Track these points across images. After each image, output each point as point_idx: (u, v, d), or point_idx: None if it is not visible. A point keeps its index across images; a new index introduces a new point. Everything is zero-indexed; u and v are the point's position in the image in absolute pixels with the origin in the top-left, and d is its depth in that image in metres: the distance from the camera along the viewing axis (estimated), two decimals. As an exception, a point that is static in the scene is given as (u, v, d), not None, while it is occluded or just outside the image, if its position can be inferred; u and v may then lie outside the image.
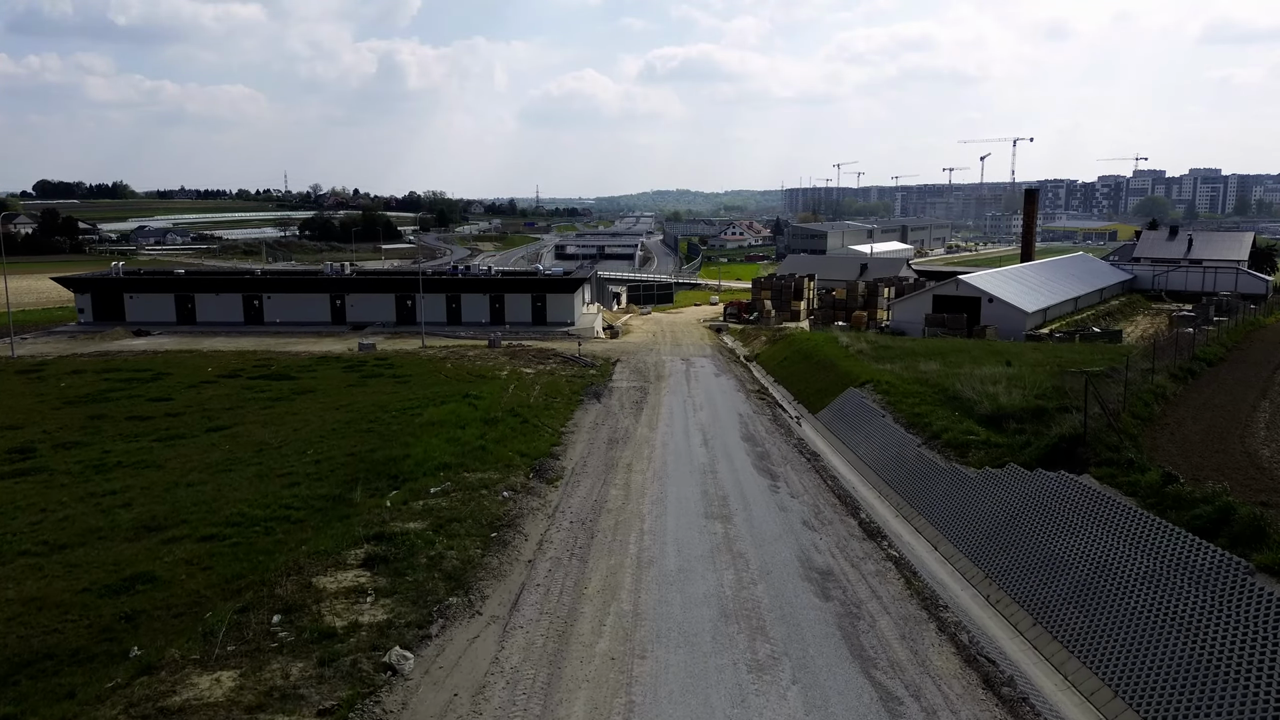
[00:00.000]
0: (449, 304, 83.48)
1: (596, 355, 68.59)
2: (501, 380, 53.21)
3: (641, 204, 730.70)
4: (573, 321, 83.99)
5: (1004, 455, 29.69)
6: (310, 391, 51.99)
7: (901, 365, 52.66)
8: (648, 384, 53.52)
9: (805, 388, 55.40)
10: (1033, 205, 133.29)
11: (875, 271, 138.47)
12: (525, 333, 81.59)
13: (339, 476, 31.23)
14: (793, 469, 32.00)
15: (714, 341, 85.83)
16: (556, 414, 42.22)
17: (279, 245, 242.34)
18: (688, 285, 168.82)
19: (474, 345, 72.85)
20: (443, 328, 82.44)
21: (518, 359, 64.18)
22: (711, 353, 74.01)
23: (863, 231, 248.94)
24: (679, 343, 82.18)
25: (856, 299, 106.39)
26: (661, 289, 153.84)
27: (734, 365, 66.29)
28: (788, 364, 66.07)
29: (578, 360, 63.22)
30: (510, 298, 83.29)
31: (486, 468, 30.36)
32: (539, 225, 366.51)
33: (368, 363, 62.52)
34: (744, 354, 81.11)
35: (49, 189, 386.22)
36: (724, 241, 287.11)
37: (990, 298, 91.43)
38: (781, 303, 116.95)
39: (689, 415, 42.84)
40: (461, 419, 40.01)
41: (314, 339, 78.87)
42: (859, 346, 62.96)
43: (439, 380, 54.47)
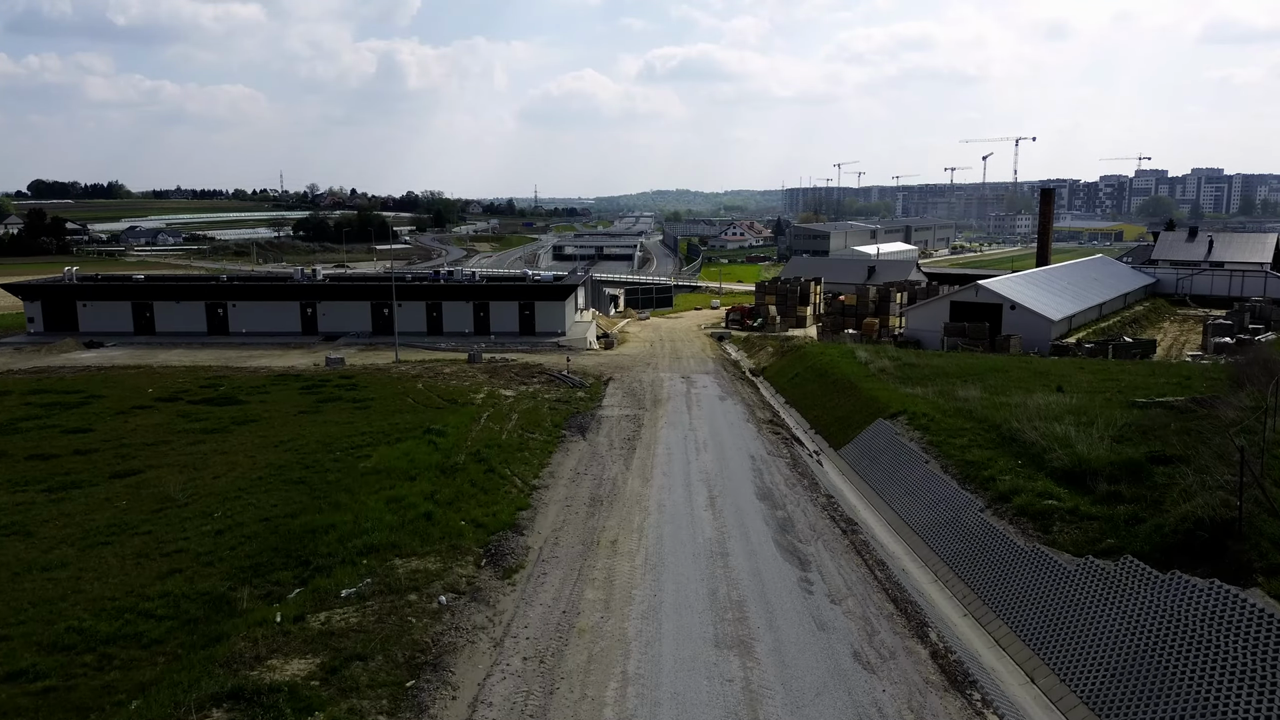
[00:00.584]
0: (429, 313, 76.03)
1: (587, 371, 61.13)
2: (475, 407, 45.73)
3: (641, 204, 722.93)
4: (563, 331, 76.53)
5: (1106, 536, 22.28)
6: (254, 421, 44.50)
7: (934, 390, 45.20)
8: (643, 410, 46.04)
9: (823, 414, 47.93)
10: (1049, 205, 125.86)
11: (883, 274, 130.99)
12: (512, 343, 74.15)
13: (238, 557, 23.85)
14: (825, 546, 24.37)
15: (716, 353, 78.35)
16: (531, 456, 34.74)
17: (270, 246, 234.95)
18: (688, 288, 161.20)
19: (453, 360, 65.36)
20: (422, 338, 74.99)
21: (498, 377, 56.68)
22: (714, 367, 66.53)
23: (866, 232, 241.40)
24: (679, 354, 74.73)
25: (867, 305, 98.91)
26: (661, 292, 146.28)
27: (740, 384, 58.81)
28: (800, 382, 58.62)
29: (565, 379, 55.74)
30: (496, 306, 75.84)
31: (427, 549, 22.95)
32: (537, 225, 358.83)
33: (330, 382, 55.04)
34: (749, 367, 73.62)
35: (43, 189, 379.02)
36: (724, 242, 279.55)
37: (1012, 304, 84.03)
38: (787, 308, 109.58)
39: (690, 458, 35.36)
40: (415, 465, 32.57)
41: (280, 352, 71.41)
42: (880, 364, 55.48)
43: (404, 406, 47.00)
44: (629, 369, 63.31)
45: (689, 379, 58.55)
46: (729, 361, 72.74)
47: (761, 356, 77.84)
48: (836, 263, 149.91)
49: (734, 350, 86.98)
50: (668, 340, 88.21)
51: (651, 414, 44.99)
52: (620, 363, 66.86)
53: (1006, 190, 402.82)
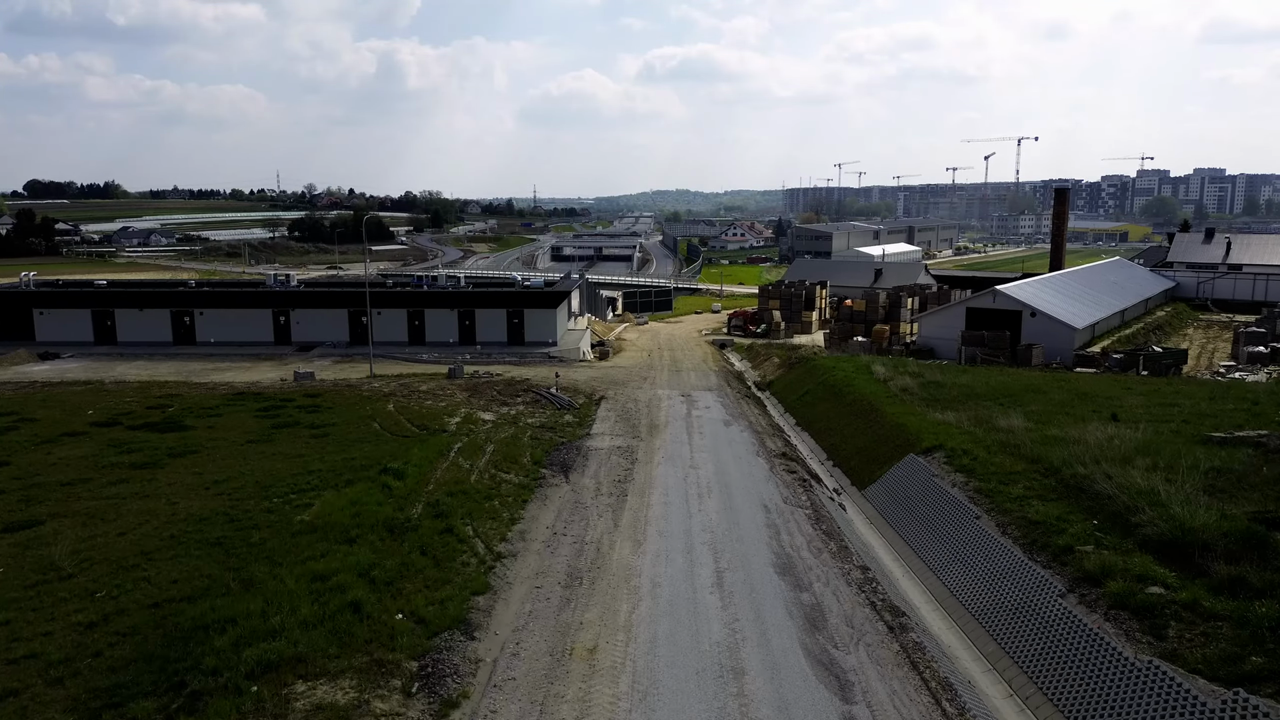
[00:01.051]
0: (411, 321, 70.23)
1: (578, 388, 55.27)
2: (447, 435, 39.86)
3: (641, 204, 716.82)
4: (554, 341, 70.67)
5: (1249, 650, 16.50)
6: (194, 452, 38.63)
7: (968, 416, 39.35)
8: (637, 440, 40.15)
9: (842, 442, 42.08)
10: (1063, 206, 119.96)
11: (891, 278, 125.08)
12: (499, 354, 68.29)
13: (98, 671, 17.98)
14: (870, 655, 18.21)
15: (719, 364, 72.48)
16: (502, 507, 28.81)
17: (263, 247, 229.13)
18: (687, 290, 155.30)
19: (432, 374, 59.48)
20: (403, 349, 69.17)
21: (479, 396, 50.80)
22: (717, 381, 60.65)
23: (869, 233, 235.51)
24: (678, 366, 68.87)
25: (877, 311, 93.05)
26: (660, 295, 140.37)
27: (746, 403, 52.91)
28: (811, 401, 52.75)
29: (552, 399, 49.87)
30: (482, 314, 70.00)
31: (343, 664, 17.07)
32: (536, 226, 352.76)
33: (292, 402, 49.16)
34: (754, 380, 67.79)
35: (39, 189, 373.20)
36: (725, 243, 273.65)
37: (1033, 311, 78.16)
38: (791, 313, 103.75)
39: (692, 508, 29.37)
40: (359, 519, 26.72)
41: (248, 364, 65.59)
42: (901, 382, 49.60)
43: (367, 434, 41.13)
44: (624, 385, 57.44)
45: (689, 397, 52.66)
46: (732, 374, 66.87)
47: (767, 368, 71.96)
48: (842, 265, 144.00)
49: (737, 360, 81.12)
50: (666, 349, 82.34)
51: (647, 444, 39.08)
52: (615, 377, 60.99)
53: (1009, 190, 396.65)
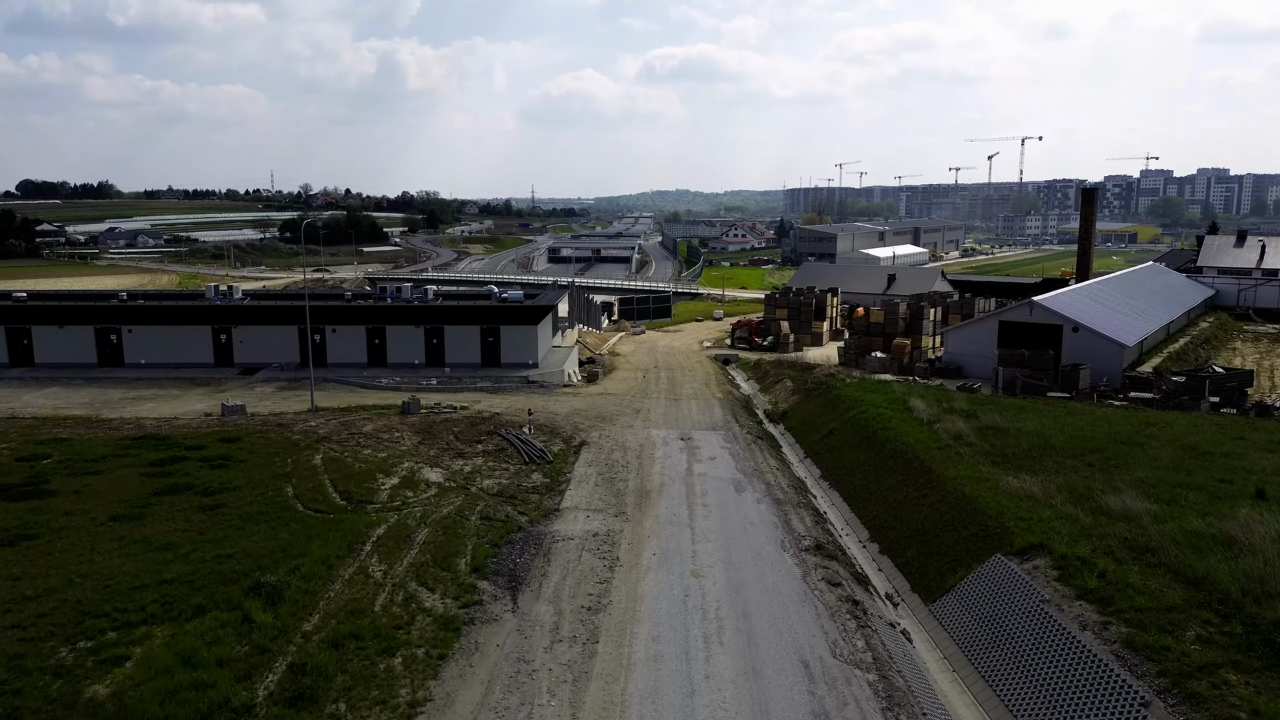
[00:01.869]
0: (371, 339, 60.18)
1: (557, 425, 45.23)
2: (371, 512, 29.77)
3: (641, 204, 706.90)
4: (535, 362, 60.54)
5: None
6: (32, 537, 28.57)
7: (1057, 485, 29.23)
8: (620, 520, 29.93)
9: (887, 514, 32.01)
10: (1091, 207, 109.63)
11: (905, 284, 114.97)
12: (471, 379, 58.23)
13: None
14: None
15: (723, 387, 62.30)
16: (406, 670, 18.64)
17: (250, 249, 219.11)
18: (687, 295, 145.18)
19: (386, 407, 49.35)
20: (361, 372, 59.12)
21: (432, 442, 40.71)
22: (722, 415, 50.54)
23: (874, 234, 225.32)
24: (677, 391, 58.78)
25: (896, 323, 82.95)
26: (658, 301, 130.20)
27: (759, 448, 42.74)
28: (838, 446, 42.69)
29: (522, 447, 39.76)
30: (453, 331, 59.93)
31: None
32: (534, 226, 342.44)
33: (201, 450, 39.07)
34: (765, 408, 57.67)
35: (32, 189, 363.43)
36: (726, 244, 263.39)
37: (1075, 326, 68.11)
38: (800, 323, 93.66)
39: (695, 678, 18.54)
40: (178, 699, 16.75)
41: (178, 391, 55.50)
42: (951, 425, 39.49)
43: (270, 506, 31.03)
44: (612, 421, 47.33)
45: (690, 441, 42.53)
46: (739, 401, 56.73)
47: (779, 393, 61.79)
48: (852, 270, 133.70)
49: (744, 380, 70.98)
50: (664, 367, 72.25)
51: (634, 527, 28.94)
52: (602, 409, 50.90)
53: (1012, 190, 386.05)
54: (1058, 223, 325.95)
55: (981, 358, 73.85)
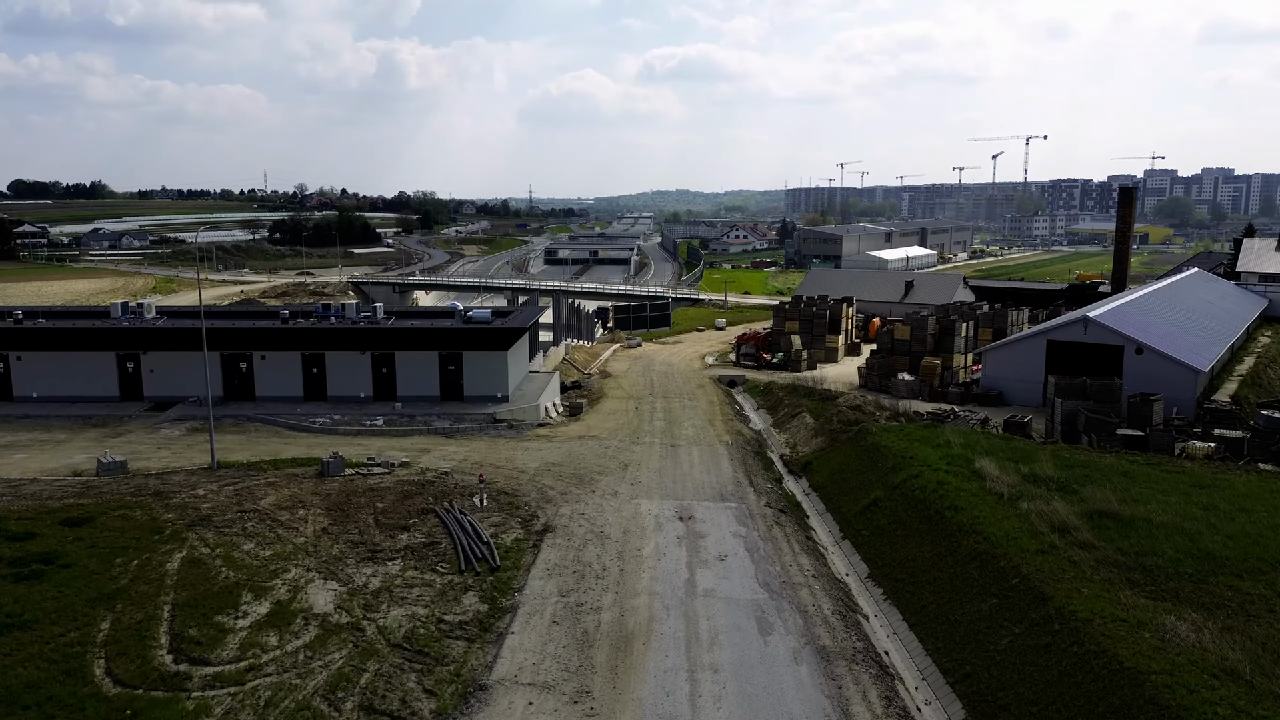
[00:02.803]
0: (308, 368, 49.26)
1: (519, 492, 34.28)
2: (190, 695, 18.83)
3: (641, 204, 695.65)
4: (505, 395, 49.47)
5: None
6: None
7: (1260, 642, 18.53)
8: (584, 701, 19.09)
9: (985, 670, 21.02)
10: (1129, 209, 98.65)
11: (925, 291, 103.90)
12: (426, 416, 47.23)
13: None
14: None
15: (730, 425, 51.09)
16: None
17: (236, 250, 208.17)
18: (688, 300, 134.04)
19: (304, 463, 38.30)
20: (296, 407, 48.18)
21: (344, 525, 29.71)
22: (732, 475, 39.46)
23: (880, 235, 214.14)
24: (674, 432, 47.71)
25: (925, 339, 71.82)
26: (656, 309, 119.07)
27: (783, 531, 31.62)
28: (884, 523, 31.71)
29: (460, 539, 28.71)
30: (406, 359, 48.96)
31: None
32: (531, 227, 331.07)
33: (23, 543, 28.16)
34: (783, 452, 46.62)
35: (23, 189, 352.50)
36: (727, 245, 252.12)
37: (1139, 347, 57.23)
38: (813, 337, 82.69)
39: None
40: None
41: (67, 434, 44.50)
42: (1046, 509, 28.40)
43: (56, 671, 20.16)
44: (591, 482, 36.33)
45: (691, 522, 31.51)
46: (751, 446, 45.62)
47: (798, 431, 50.62)
48: (865, 276, 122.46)
49: (753, 410, 59.86)
50: (661, 393, 61.18)
51: (604, 713, 18.04)
52: (581, 461, 39.89)
53: (1016, 191, 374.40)
54: (1066, 223, 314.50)
55: (1026, 383, 62.97)
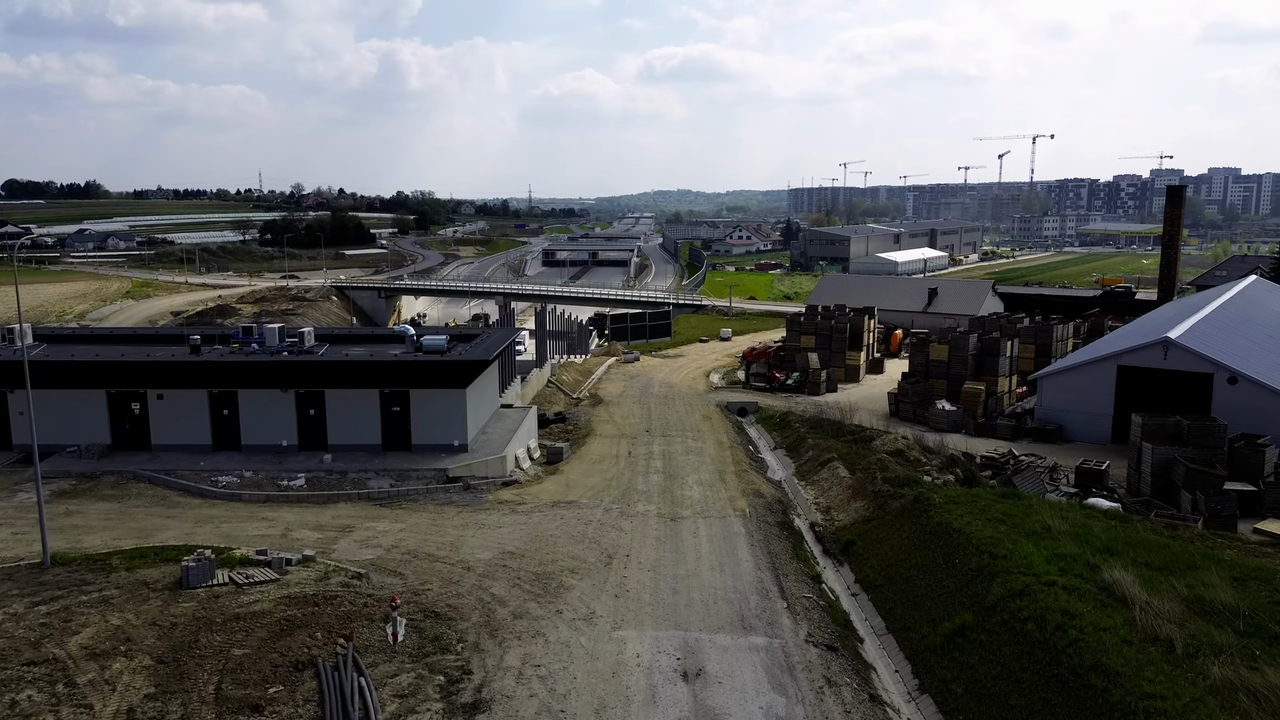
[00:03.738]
0: (217, 409, 38.68)
1: (456, 608, 23.74)
2: None
3: (642, 204, 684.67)
4: (463, 443, 38.74)
5: None
6: None
7: None
8: None
9: None
10: (1178, 210, 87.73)
11: (950, 300, 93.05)
12: (363, 471, 36.59)
13: None
14: None
15: (745, 481, 40.20)
16: None
17: (222, 252, 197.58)
18: (690, 306, 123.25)
19: (167, 559, 27.52)
20: (201, 458, 37.59)
21: (169, 697, 18.88)
22: (755, 580, 28.46)
23: (889, 236, 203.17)
24: (676, 496, 36.94)
25: (965, 361, 61.02)
26: (656, 318, 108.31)
27: (840, 702, 20.85)
28: (980, 668, 21.02)
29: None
30: (340, 398, 38.32)
31: None
32: (530, 228, 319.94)
33: None
34: (815, 521, 35.93)
35: (17, 189, 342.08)
36: (730, 247, 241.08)
37: (1232, 376, 46.55)
38: (832, 353, 72.18)
39: None
40: None
41: (-110, 501, 33.91)
42: (1251, 682, 18.04)
43: None
44: (560, 591, 25.58)
45: (700, 675, 20.80)
46: (774, 511, 34.84)
47: (830, 486, 39.83)
48: (883, 283, 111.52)
49: (770, 451, 49.03)
50: (660, 430, 50.47)
51: None
52: (549, 550, 29.16)
53: (1022, 190, 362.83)
54: (1077, 224, 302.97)
55: (1090, 415, 52.41)
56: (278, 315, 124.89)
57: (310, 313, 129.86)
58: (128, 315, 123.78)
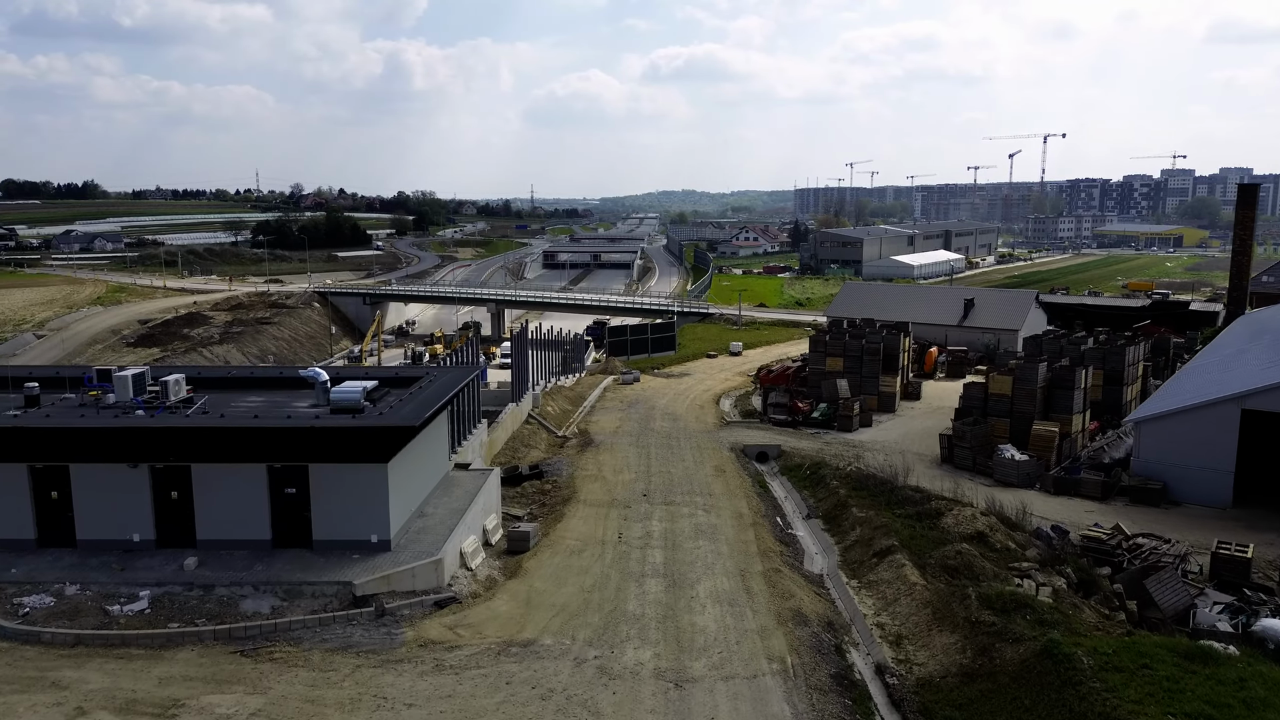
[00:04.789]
0: (41, 490, 27.33)
1: None
2: None
3: (647, 204, 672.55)
4: (385, 538, 27.21)
5: None
6: None
7: None
8: None
9: None
10: (1250, 211, 75.71)
11: (988, 312, 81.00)
12: (236, 582, 25.18)
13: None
14: None
15: (775, 587, 28.48)
16: None
17: (208, 254, 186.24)
18: (696, 315, 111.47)
19: None
20: (15, 562, 26.24)
21: None
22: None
23: (902, 238, 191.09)
24: (682, 617, 25.36)
25: (1031, 396, 49.00)
26: (659, 329, 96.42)
27: None
28: None
29: None
30: (211, 476, 26.83)
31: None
32: (531, 228, 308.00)
33: None
34: (885, 660, 23.85)
35: (13, 189, 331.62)
36: (736, 248, 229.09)
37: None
38: (863, 378, 60.84)
39: None
40: None
41: None
42: None
43: None
44: None
45: None
46: (827, 655, 23.23)
47: (896, 597, 28.16)
48: (911, 293, 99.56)
49: (802, 522, 37.14)
50: (661, 485, 38.91)
51: None
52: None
53: (1033, 191, 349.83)
54: (1093, 225, 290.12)
55: (1206, 471, 40.92)
56: (251, 325, 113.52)
57: (288, 321, 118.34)
58: (91, 324, 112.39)
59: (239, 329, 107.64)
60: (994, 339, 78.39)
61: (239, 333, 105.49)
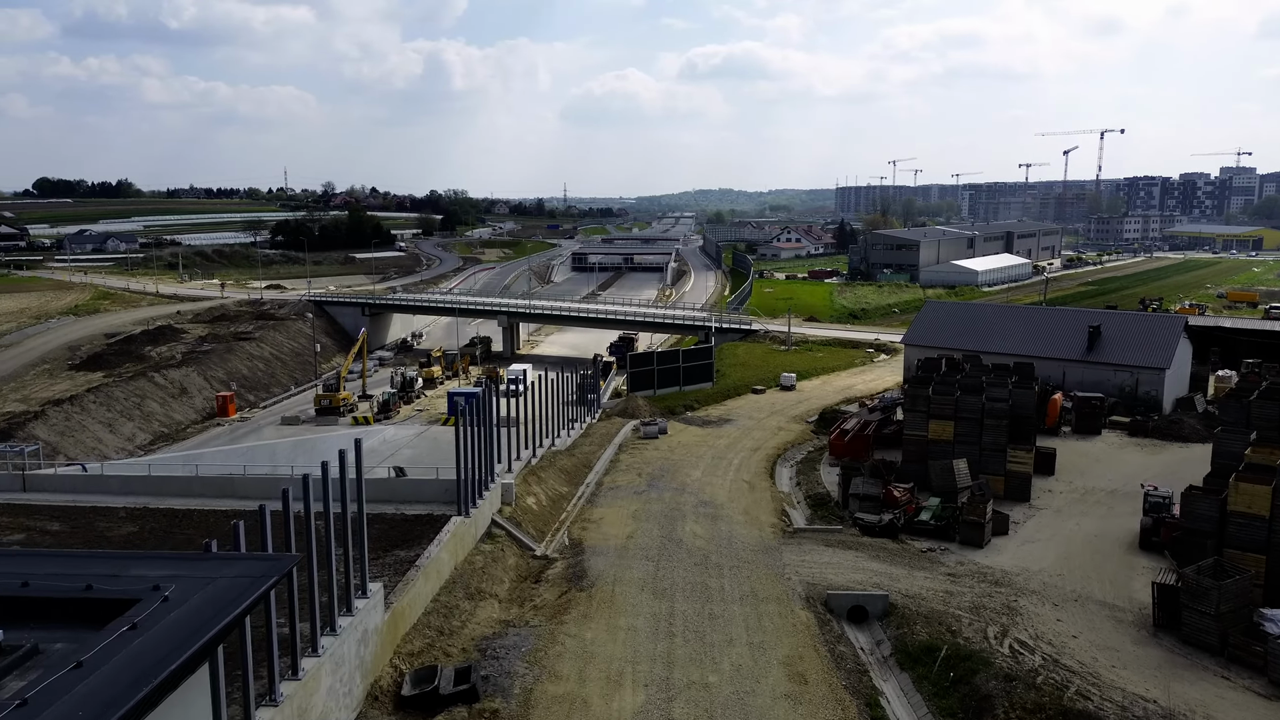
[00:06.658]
0: None
1: None
2: None
3: (683, 203, 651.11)
4: None
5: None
6: None
7: None
8: None
9: None
10: None
11: (1122, 343, 60.28)
12: None
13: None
14: None
15: None
16: None
17: (218, 255, 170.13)
18: (736, 332, 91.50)
19: None
20: None
21: None
22: None
23: (961, 241, 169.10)
24: None
25: None
26: (693, 356, 76.62)
27: None
28: None
29: None
30: None
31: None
32: (563, 228, 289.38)
33: None
34: None
35: (47, 187, 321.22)
36: (777, 250, 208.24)
37: None
38: (983, 451, 41.06)
39: None
40: None
41: None
42: None
43: None
44: None
45: None
46: None
47: None
48: (1008, 316, 78.17)
49: None
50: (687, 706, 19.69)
51: None
52: None
53: (1088, 189, 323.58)
54: (1161, 225, 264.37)
55: None
56: (225, 341, 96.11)
57: (270, 336, 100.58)
58: (48, 339, 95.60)
59: (209, 347, 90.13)
60: (1131, 379, 57.94)
61: (206, 352, 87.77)
